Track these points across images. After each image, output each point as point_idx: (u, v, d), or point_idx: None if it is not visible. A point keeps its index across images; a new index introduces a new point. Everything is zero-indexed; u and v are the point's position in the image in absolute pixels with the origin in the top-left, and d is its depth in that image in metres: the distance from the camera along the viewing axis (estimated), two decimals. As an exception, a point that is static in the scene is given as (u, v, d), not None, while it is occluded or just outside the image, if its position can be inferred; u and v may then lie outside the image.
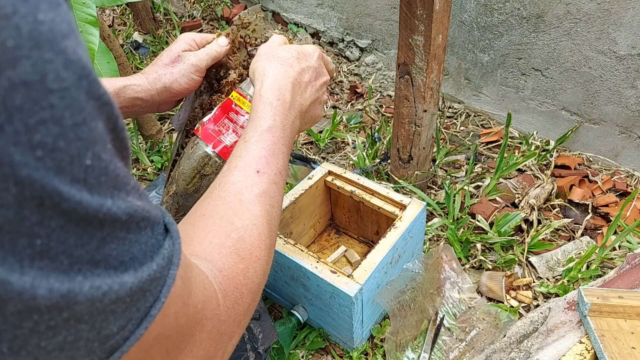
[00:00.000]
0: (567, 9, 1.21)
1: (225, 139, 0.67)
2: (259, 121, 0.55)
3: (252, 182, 0.50)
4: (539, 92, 1.39)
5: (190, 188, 0.67)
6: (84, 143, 0.23)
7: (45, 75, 0.21)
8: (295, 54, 0.62)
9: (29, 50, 0.20)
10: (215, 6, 2.34)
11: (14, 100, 0.20)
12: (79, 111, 0.22)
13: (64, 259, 0.23)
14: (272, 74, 0.58)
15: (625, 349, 0.74)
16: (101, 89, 0.24)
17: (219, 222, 0.46)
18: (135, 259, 0.28)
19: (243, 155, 0.52)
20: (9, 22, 0.19)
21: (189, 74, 0.69)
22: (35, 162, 0.21)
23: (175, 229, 0.32)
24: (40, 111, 0.21)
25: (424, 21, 0.94)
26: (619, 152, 1.31)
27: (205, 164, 0.66)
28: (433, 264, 0.97)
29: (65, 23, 0.22)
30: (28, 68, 0.20)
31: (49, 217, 0.22)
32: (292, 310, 0.93)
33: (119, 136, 0.26)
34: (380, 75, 1.81)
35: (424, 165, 1.22)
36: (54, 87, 0.21)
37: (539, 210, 1.18)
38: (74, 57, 0.22)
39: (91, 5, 0.85)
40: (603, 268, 1.04)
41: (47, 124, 0.21)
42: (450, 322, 0.94)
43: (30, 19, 0.20)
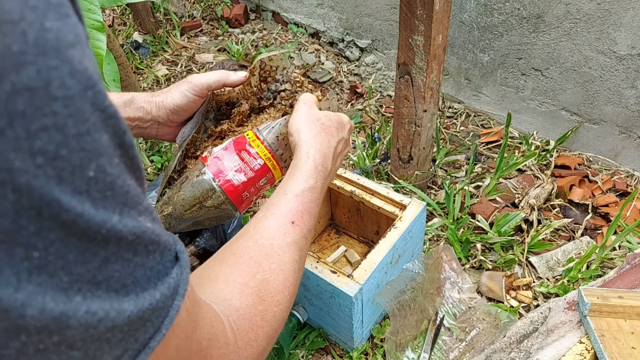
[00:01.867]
0: (567, 9, 1.21)
1: (234, 177, 0.66)
2: (301, 178, 0.57)
3: (286, 231, 0.52)
4: (539, 92, 1.39)
5: (187, 215, 0.67)
6: (87, 154, 0.22)
7: (49, 82, 0.20)
8: (335, 124, 0.65)
9: (34, 57, 0.20)
10: (215, 6, 2.34)
11: (16, 105, 0.19)
12: (82, 121, 0.22)
13: (63, 276, 0.22)
14: (320, 140, 0.62)
15: (625, 349, 0.74)
16: (107, 101, 0.23)
17: (247, 262, 0.47)
18: (137, 283, 0.26)
19: (281, 205, 0.54)
20: (16, 27, 0.19)
21: (183, 90, 0.69)
22: (35, 169, 0.20)
23: (185, 257, 0.32)
24: (43, 118, 0.20)
25: (424, 21, 0.94)
26: (619, 152, 1.31)
27: (208, 196, 0.66)
28: (433, 264, 0.97)
29: (72, 33, 0.22)
30: (32, 74, 0.20)
31: (47, 228, 0.21)
32: (292, 310, 0.93)
33: (128, 153, 0.26)
34: (380, 75, 1.81)
35: (424, 165, 1.22)
36: (58, 94, 0.21)
37: (539, 210, 1.18)
38: (79, 67, 0.22)
39: (97, 11, 0.85)
40: (603, 268, 1.04)
41: (50, 131, 0.20)
42: (450, 322, 0.94)
43: (37, 26, 0.20)
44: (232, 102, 0.75)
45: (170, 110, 0.69)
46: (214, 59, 2.00)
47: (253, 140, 0.68)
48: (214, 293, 0.43)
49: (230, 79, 0.70)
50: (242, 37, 2.16)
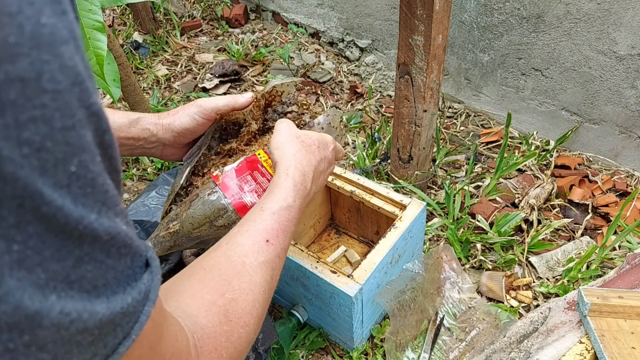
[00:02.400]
0: (567, 9, 1.21)
1: (246, 197, 0.66)
2: (280, 196, 0.56)
3: (260, 250, 0.51)
4: (539, 92, 1.39)
5: (195, 233, 0.66)
6: (71, 148, 0.22)
7: (41, 75, 0.21)
8: (316, 143, 0.65)
9: (28, 49, 0.20)
10: (215, 6, 2.34)
11: (9, 94, 0.20)
12: (69, 115, 0.22)
13: (40, 272, 0.22)
14: (299, 157, 0.61)
15: (625, 349, 0.74)
16: (92, 98, 0.24)
17: (217, 279, 0.46)
18: (108, 285, 0.26)
19: (257, 222, 0.53)
20: (13, 20, 0.20)
21: (191, 113, 0.70)
22: (21, 159, 0.20)
23: (156, 264, 0.31)
24: (33, 109, 0.21)
25: (424, 21, 0.94)
26: (619, 152, 1.31)
27: (219, 215, 0.65)
28: (433, 264, 0.97)
29: (66, 30, 0.22)
30: (26, 65, 0.20)
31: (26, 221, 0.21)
32: (292, 310, 0.93)
33: (107, 153, 0.26)
34: (380, 75, 1.81)
35: (424, 165, 1.22)
36: (48, 87, 0.21)
37: (539, 210, 1.18)
38: (70, 63, 0.22)
39: (97, 12, 0.84)
40: (603, 268, 1.04)
41: (37, 123, 0.21)
42: (450, 322, 0.94)
43: (33, 21, 0.21)
44: (239, 123, 0.76)
45: (178, 133, 0.70)
46: (214, 59, 2.00)
47: (265, 160, 0.69)
48: (180, 307, 0.42)
49: (238, 103, 0.72)
50: (242, 37, 2.16)
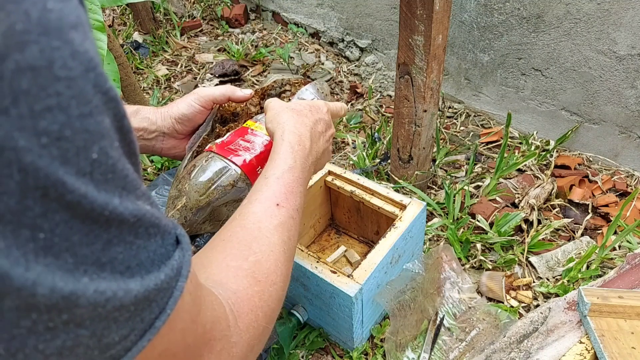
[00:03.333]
0: (567, 9, 1.21)
1: (243, 154, 0.67)
2: (280, 161, 0.57)
3: (272, 214, 0.52)
4: (539, 92, 1.39)
5: (204, 200, 0.65)
6: (90, 135, 0.22)
7: (52, 62, 0.20)
8: (308, 107, 0.66)
9: (37, 36, 0.20)
10: (215, 6, 2.34)
11: (21, 83, 0.19)
12: (85, 102, 0.22)
13: (68, 257, 0.22)
14: (292, 122, 0.62)
15: (625, 349, 0.74)
16: (108, 83, 0.24)
17: (238, 246, 0.48)
18: (142, 265, 0.27)
19: (264, 189, 0.54)
20: (19, 6, 0.19)
21: (189, 100, 0.72)
22: (40, 149, 0.20)
23: (186, 241, 0.32)
24: (47, 98, 0.20)
25: (424, 21, 0.94)
26: (619, 152, 1.31)
27: (222, 174, 0.65)
28: (433, 264, 0.97)
29: (73, 15, 0.22)
30: (36, 53, 0.20)
31: (53, 210, 0.21)
32: (292, 310, 0.93)
33: (126, 138, 0.26)
34: (380, 75, 1.81)
35: (424, 165, 1.22)
36: (61, 74, 0.21)
37: (539, 210, 1.18)
38: (81, 49, 0.22)
39: (98, 11, 0.85)
40: (603, 268, 1.04)
41: (54, 111, 0.21)
42: (450, 322, 0.94)
43: (39, 6, 0.20)
44: (236, 113, 0.77)
45: (176, 120, 0.71)
46: (214, 59, 2.00)
47: (253, 125, 0.71)
48: (209, 278, 0.43)
49: (235, 95, 0.73)
50: (242, 37, 2.16)
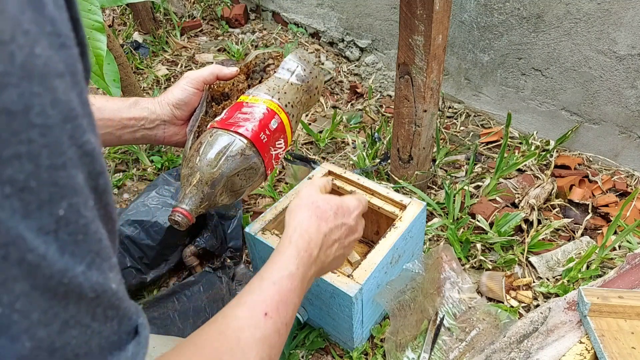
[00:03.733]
0: (567, 9, 1.21)
1: (245, 124, 0.69)
2: (281, 264, 0.53)
3: (257, 324, 0.46)
4: (539, 92, 1.39)
5: (217, 172, 0.67)
6: (59, 189, 0.21)
7: (30, 108, 0.19)
8: (334, 208, 0.61)
9: (18, 79, 0.19)
10: (215, 6, 2.34)
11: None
12: (58, 154, 0.21)
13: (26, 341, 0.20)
14: (307, 224, 0.58)
15: (625, 349, 0.74)
16: (85, 136, 0.22)
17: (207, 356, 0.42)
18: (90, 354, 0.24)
19: (256, 292, 0.49)
20: (5, 48, 0.19)
21: (181, 85, 0.73)
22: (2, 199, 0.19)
23: (145, 334, 0.29)
24: (18, 144, 0.19)
25: (424, 21, 0.94)
26: (619, 152, 1.31)
27: (230, 145, 0.67)
28: (433, 264, 0.97)
29: (63, 64, 0.21)
30: (14, 96, 0.19)
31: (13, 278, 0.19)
32: (292, 310, 0.93)
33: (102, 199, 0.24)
34: (380, 75, 1.81)
35: (424, 165, 1.22)
36: (37, 121, 0.20)
37: (539, 210, 1.18)
38: (63, 97, 0.21)
39: (97, 12, 0.85)
40: (603, 268, 1.04)
41: (22, 160, 0.19)
42: (450, 322, 0.94)
43: (26, 50, 0.19)
44: (226, 93, 0.79)
45: (173, 106, 0.73)
46: (214, 59, 2.00)
47: (246, 99, 0.74)
48: None
49: (222, 72, 0.75)
50: (242, 37, 2.16)
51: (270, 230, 0.90)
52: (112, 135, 0.69)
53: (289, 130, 0.75)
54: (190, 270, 1.08)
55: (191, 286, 0.96)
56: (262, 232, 0.89)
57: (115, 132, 0.69)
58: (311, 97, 0.82)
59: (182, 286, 0.96)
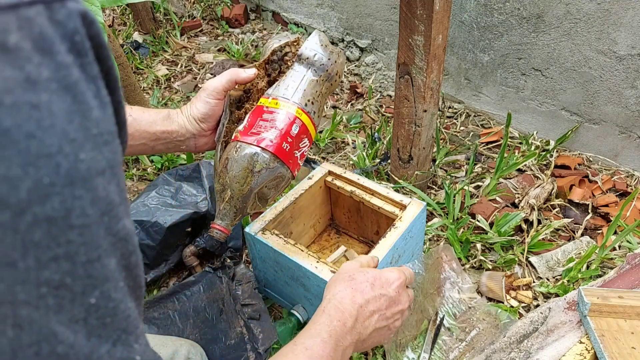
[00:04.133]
0: (567, 9, 1.21)
1: (267, 135, 0.70)
2: (314, 331, 0.54)
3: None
4: (539, 92, 1.39)
5: (245, 188, 0.70)
6: (92, 281, 0.21)
7: (70, 212, 0.20)
8: (371, 280, 0.61)
9: (61, 188, 0.19)
10: (215, 6, 2.34)
11: (34, 236, 0.19)
12: (94, 248, 0.21)
13: None
14: (341, 295, 0.59)
15: (625, 349, 0.74)
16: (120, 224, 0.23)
17: None
18: None
19: (288, 356, 0.51)
20: (51, 160, 0.19)
21: (203, 98, 0.74)
22: (37, 300, 0.19)
23: None
24: (57, 247, 0.20)
25: (424, 21, 0.94)
26: (619, 152, 1.31)
27: (255, 161, 0.69)
28: (433, 264, 0.97)
29: (105, 161, 0.22)
30: (56, 204, 0.19)
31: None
32: (292, 310, 0.93)
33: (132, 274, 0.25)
34: (380, 75, 1.81)
35: (424, 165, 1.22)
36: (77, 223, 0.20)
37: (539, 210, 1.18)
38: (102, 194, 0.21)
39: (98, 12, 0.85)
40: (603, 268, 1.04)
41: (59, 261, 0.20)
42: (450, 322, 0.94)
43: (71, 158, 0.20)
44: (248, 90, 0.79)
45: (199, 120, 0.74)
46: (214, 59, 2.00)
47: (266, 102, 0.73)
48: None
49: (240, 77, 0.75)
50: (242, 37, 2.16)
51: (270, 230, 0.90)
52: (146, 145, 0.72)
53: (312, 127, 0.75)
54: (190, 270, 1.08)
55: (191, 286, 0.96)
56: (262, 232, 0.89)
57: (149, 143, 0.72)
58: (332, 84, 0.79)
59: (182, 286, 0.95)
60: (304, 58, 0.75)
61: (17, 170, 0.18)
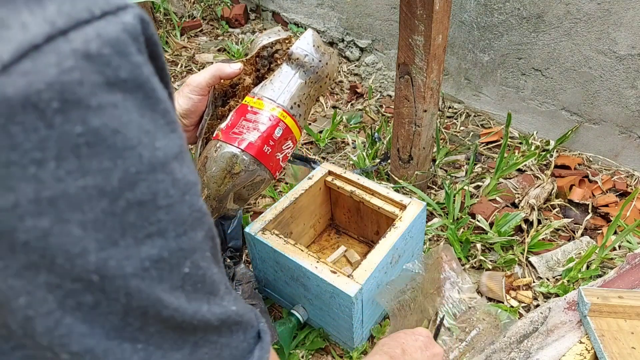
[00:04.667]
0: (567, 9, 1.21)
1: (249, 136, 0.68)
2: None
3: None
4: (539, 92, 1.39)
5: (222, 189, 0.68)
6: (183, 253, 0.25)
7: (156, 194, 0.23)
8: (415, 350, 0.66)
9: (146, 174, 0.23)
10: (215, 6, 2.34)
11: (129, 218, 0.22)
12: (181, 223, 0.24)
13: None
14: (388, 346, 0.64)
15: (625, 349, 0.74)
16: (200, 201, 0.26)
17: None
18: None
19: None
20: (134, 151, 0.22)
21: (185, 94, 0.71)
22: (142, 272, 0.23)
23: (267, 340, 0.33)
24: (149, 226, 0.23)
25: (424, 21, 0.94)
26: (619, 152, 1.31)
27: (234, 162, 0.67)
28: (433, 264, 0.97)
29: (176, 146, 0.25)
30: (144, 189, 0.22)
31: (149, 324, 0.24)
32: (292, 310, 0.93)
33: (214, 244, 0.28)
34: (380, 75, 1.81)
35: (424, 165, 1.22)
36: (162, 203, 0.23)
37: (539, 210, 1.18)
38: (179, 176, 0.24)
39: None
40: (603, 268, 1.04)
41: (154, 238, 0.23)
42: (450, 322, 0.94)
43: (150, 147, 0.23)
44: (235, 84, 0.77)
45: (181, 115, 0.72)
46: (214, 59, 2.00)
47: (251, 102, 0.71)
48: None
49: (225, 72, 0.72)
50: (242, 37, 2.16)
51: (270, 230, 0.90)
52: None
53: (297, 130, 0.73)
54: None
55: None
56: (262, 232, 0.89)
57: None
58: (322, 86, 0.76)
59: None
60: (294, 58, 0.72)
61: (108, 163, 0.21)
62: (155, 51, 0.24)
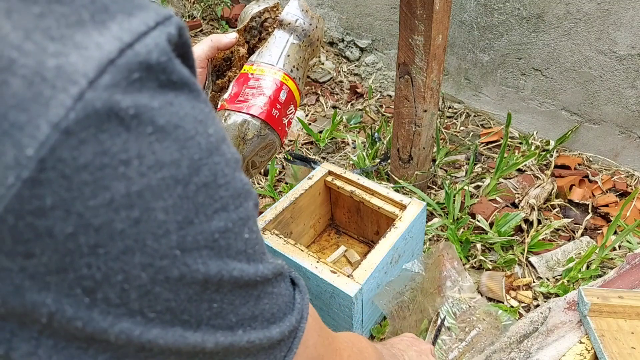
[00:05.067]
0: (567, 9, 1.21)
1: (256, 102, 0.68)
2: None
3: None
4: (539, 92, 1.39)
5: None
6: (243, 221, 0.29)
7: (216, 175, 0.26)
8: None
9: (206, 159, 0.26)
10: (215, 6, 2.34)
11: (198, 199, 0.25)
12: (237, 196, 0.28)
13: (232, 317, 0.29)
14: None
15: (625, 349, 0.74)
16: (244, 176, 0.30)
17: None
18: (280, 310, 0.33)
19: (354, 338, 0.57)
20: (194, 140, 0.25)
21: None
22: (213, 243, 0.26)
23: (302, 283, 0.38)
24: (214, 203, 0.26)
25: (424, 21, 0.94)
26: (619, 152, 1.31)
27: (246, 129, 0.68)
28: (434, 263, 0.97)
29: (221, 130, 0.28)
30: (206, 172, 0.26)
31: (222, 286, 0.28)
32: (292, 310, 0.93)
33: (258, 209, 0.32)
34: (380, 75, 1.81)
35: (424, 165, 1.22)
36: (221, 182, 0.27)
37: (539, 210, 1.18)
38: (229, 156, 0.28)
39: None
40: (603, 268, 1.04)
41: (219, 212, 0.27)
42: (450, 321, 0.94)
43: (205, 135, 0.26)
44: (228, 57, 0.77)
45: None
46: (214, 59, 2.00)
47: (251, 69, 0.72)
48: None
49: (222, 42, 0.74)
50: (242, 37, 2.16)
51: (270, 230, 0.90)
52: None
53: (297, 94, 0.74)
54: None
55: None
56: (262, 232, 0.89)
57: None
58: (314, 50, 0.78)
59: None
60: (286, 24, 0.74)
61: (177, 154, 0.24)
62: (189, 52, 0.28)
